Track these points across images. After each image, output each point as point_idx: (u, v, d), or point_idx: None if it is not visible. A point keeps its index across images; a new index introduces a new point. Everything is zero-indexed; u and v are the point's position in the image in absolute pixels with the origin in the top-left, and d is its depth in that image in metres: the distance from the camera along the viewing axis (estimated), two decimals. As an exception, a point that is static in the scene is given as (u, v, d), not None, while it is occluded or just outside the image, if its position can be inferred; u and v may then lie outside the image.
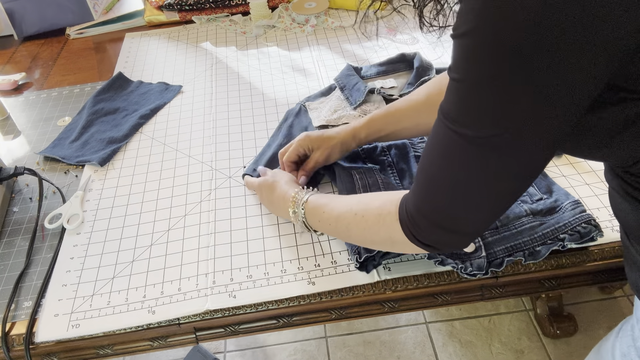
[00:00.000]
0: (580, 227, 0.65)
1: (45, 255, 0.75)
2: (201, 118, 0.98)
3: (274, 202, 0.72)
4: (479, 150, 0.42)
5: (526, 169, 0.43)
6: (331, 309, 0.68)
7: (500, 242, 0.66)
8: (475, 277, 0.64)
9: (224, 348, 1.43)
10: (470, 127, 0.41)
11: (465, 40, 0.39)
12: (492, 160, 0.42)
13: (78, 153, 0.91)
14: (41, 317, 0.66)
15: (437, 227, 0.48)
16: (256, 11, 1.25)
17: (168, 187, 0.84)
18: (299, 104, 0.96)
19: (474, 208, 0.46)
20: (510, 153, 0.41)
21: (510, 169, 0.43)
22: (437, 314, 1.45)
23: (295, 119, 0.92)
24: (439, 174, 0.46)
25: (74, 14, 1.32)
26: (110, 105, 1.02)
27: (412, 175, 0.77)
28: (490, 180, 0.43)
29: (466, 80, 0.40)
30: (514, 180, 0.44)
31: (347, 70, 0.99)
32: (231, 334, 0.68)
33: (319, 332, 1.43)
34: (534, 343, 1.36)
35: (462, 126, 0.41)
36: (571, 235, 0.65)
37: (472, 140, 0.41)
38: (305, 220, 0.66)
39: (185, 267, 0.71)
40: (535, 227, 0.67)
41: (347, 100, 0.92)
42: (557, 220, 0.67)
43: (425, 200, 0.48)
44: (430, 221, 0.48)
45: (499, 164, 0.42)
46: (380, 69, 1.01)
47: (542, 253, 0.65)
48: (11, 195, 0.86)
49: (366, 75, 1.00)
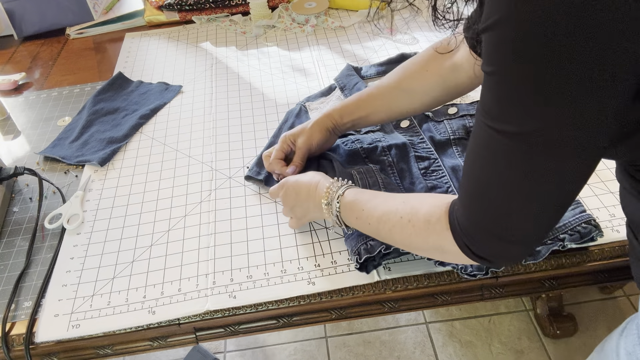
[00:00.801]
0: (580, 227, 0.65)
1: (45, 255, 0.75)
2: (201, 118, 0.98)
3: (302, 199, 0.67)
4: (524, 147, 0.39)
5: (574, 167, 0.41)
6: (331, 309, 0.68)
7: None
8: (475, 277, 0.64)
9: (224, 348, 1.43)
10: (511, 122, 0.39)
11: (495, 30, 0.37)
12: (538, 158, 0.39)
13: (78, 153, 0.91)
14: (41, 317, 0.66)
15: (493, 237, 0.45)
16: (256, 11, 1.25)
17: (168, 187, 0.84)
18: (299, 104, 0.96)
19: (526, 211, 0.43)
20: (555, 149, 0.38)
21: (558, 167, 0.40)
22: (437, 314, 1.45)
23: (295, 119, 0.92)
24: (485, 178, 0.43)
25: (74, 14, 1.32)
26: (110, 105, 1.02)
27: (412, 175, 0.77)
28: (538, 180, 0.41)
29: (500, 72, 0.38)
30: (562, 178, 0.41)
31: (347, 71, 0.99)
32: (231, 334, 0.68)
33: (319, 332, 1.43)
34: (534, 343, 1.36)
35: (503, 123, 0.39)
36: (571, 235, 0.65)
37: (515, 138, 0.39)
38: (339, 214, 0.62)
39: (186, 267, 0.71)
40: None
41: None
42: None
43: (475, 209, 0.46)
44: (485, 231, 0.45)
45: (545, 162, 0.39)
46: (380, 69, 1.01)
47: (542, 253, 0.65)
48: (11, 195, 0.86)
49: (366, 75, 1.00)
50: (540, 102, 0.37)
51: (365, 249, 0.64)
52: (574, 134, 0.38)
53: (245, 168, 0.85)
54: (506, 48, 0.37)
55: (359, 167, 0.75)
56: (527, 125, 0.38)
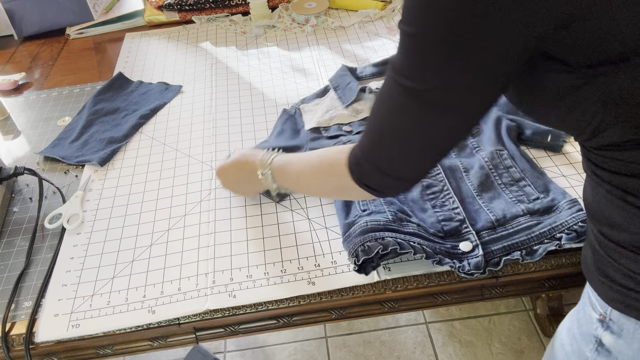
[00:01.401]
0: (577, 226, 0.65)
1: (45, 255, 0.75)
2: (201, 118, 0.98)
3: (242, 174, 0.72)
4: (421, 102, 0.44)
5: (462, 123, 0.47)
6: (331, 309, 0.68)
7: (497, 241, 0.66)
8: (473, 276, 0.64)
9: (224, 348, 1.43)
10: (415, 80, 0.43)
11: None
12: (431, 114, 0.45)
13: (78, 153, 0.91)
14: (41, 317, 0.66)
15: (380, 172, 0.52)
16: (256, 11, 1.25)
17: (168, 187, 0.84)
18: (294, 107, 0.96)
19: (413, 156, 0.50)
20: (447, 107, 0.44)
21: (448, 123, 0.46)
22: (437, 314, 1.45)
23: (289, 121, 0.92)
24: (384, 123, 0.50)
25: (74, 14, 1.32)
26: (110, 105, 1.02)
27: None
28: (427, 131, 0.47)
29: (411, 33, 0.42)
30: (449, 133, 0.48)
31: (341, 71, 0.99)
32: (231, 334, 0.68)
33: (319, 332, 1.43)
34: (534, 343, 1.36)
35: (408, 79, 0.44)
36: (568, 235, 0.65)
37: (415, 94, 0.44)
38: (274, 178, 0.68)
39: (185, 266, 0.71)
40: (532, 227, 0.67)
41: (340, 99, 0.93)
42: (554, 219, 0.67)
43: (371, 147, 0.52)
44: (375, 166, 0.52)
45: (437, 117, 0.45)
46: (375, 70, 1.01)
47: (539, 252, 0.65)
48: (11, 195, 0.86)
49: (361, 76, 1.00)
50: (437, 66, 0.42)
51: (362, 250, 0.64)
52: (465, 97, 0.44)
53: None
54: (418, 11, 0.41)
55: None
56: (426, 84, 0.43)
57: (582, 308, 0.55)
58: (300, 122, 0.92)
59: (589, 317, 0.53)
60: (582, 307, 0.55)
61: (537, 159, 0.80)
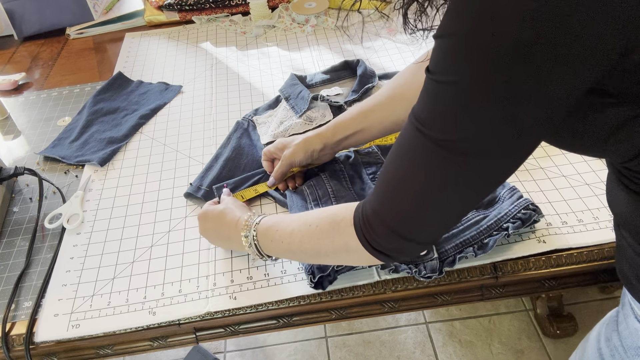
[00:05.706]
0: (520, 213, 0.67)
1: (45, 255, 0.75)
2: (201, 118, 0.98)
3: (224, 229, 0.66)
4: (447, 154, 0.40)
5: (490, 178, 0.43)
6: (331, 309, 0.68)
7: (449, 240, 0.66)
8: (431, 279, 0.65)
9: (224, 348, 1.43)
10: (442, 130, 0.40)
11: (445, 40, 0.38)
12: (457, 167, 0.41)
13: (78, 153, 0.91)
14: (41, 317, 0.66)
15: (393, 233, 0.46)
16: (256, 11, 1.25)
17: (169, 187, 0.84)
18: (246, 119, 0.94)
19: (434, 215, 0.45)
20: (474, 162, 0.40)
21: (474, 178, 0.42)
22: (437, 314, 1.45)
23: (244, 134, 0.90)
24: (402, 177, 0.44)
25: (74, 14, 1.32)
26: (110, 105, 1.02)
27: (362, 181, 0.77)
28: (453, 187, 0.42)
29: (442, 81, 0.39)
30: (474, 189, 0.43)
31: (291, 80, 0.98)
32: (231, 334, 0.68)
33: (319, 332, 1.43)
34: (534, 343, 1.37)
35: (433, 129, 0.40)
36: (513, 223, 0.66)
37: (440, 144, 0.40)
38: (257, 243, 0.62)
39: (186, 269, 0.71)
40: (480, 221, 0.67)
41: (293, 109, 0.92)
42: (498, 211, 0.68)
43: (384, 204, 0.47)
44: (387, 226, 0.46)
45: (464, 172, 0.41)
46: (324, 77, 1.01)
47: (490, 245, 0.65)
48: (11, 195, 0.86)
49: (311, 84, 1.00)
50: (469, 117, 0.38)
51: (318, 268, 0.64)
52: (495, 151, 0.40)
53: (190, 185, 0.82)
54: (450, 60, 0.38)
55: (311, 181, 0.76)
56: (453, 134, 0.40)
57: (624, 320, 0.53)
58: (254, 135, 0.91)
59: (634, 329, 0.51)
60: (624, 319, 0.53)
61: (537, 159, 0.80)
